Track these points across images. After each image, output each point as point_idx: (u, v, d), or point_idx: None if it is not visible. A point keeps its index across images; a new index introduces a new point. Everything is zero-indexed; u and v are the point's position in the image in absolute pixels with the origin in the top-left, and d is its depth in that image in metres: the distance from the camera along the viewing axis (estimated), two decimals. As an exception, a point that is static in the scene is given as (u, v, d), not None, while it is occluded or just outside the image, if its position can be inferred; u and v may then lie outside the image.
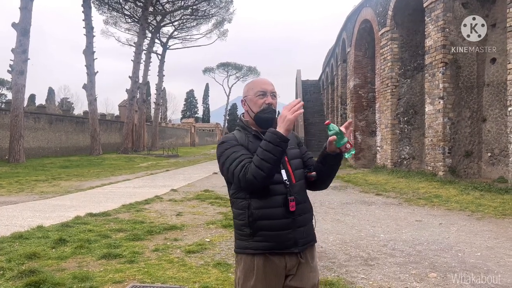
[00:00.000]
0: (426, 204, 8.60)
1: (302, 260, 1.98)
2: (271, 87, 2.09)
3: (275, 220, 1.93)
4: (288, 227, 1.94)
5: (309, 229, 2.04)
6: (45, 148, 25.66)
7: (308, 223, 2.03)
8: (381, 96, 16.14)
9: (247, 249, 1.95)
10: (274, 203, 1.94)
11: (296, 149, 2.12)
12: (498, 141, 11.54)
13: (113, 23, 41.67)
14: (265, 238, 1.93)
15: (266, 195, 1.94)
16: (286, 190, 1.95)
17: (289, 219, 1.94)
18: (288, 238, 1.93)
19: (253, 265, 1.93)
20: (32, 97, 66.88)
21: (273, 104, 2.06)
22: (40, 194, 10.60)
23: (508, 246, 5.28)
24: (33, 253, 4.74)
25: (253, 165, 1.85)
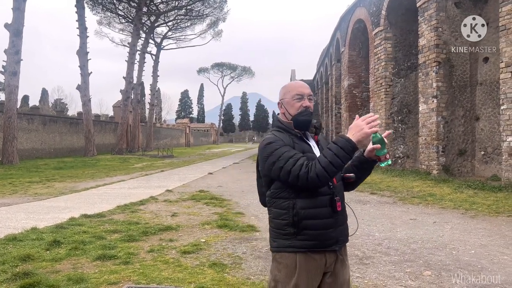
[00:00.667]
0: (421, 202, 8.64)
1: (341, 257, 2.08)
2: (308, 90, 2.16)
3: (321, 219, 2.00)
4: (331, 226, 2.02)
5: (346, 228, 2.13)
6: (38, 150, 25.50)
7: (345, 222, 2.12)
8: (375, 96, 16.21)
9: (289, 248, 2.00)
10: (320, 203, 2.00)
11: None
12: (491, 140, 11.63)
13: (107, 23, 41.53)
14: (309, 236, 1.99)
15: (313, 195, 2.00)
16: (331, 190, 2.02)
17: (333, 219, 2.02)
18: (330, 236, 2.01)
19: (295, 263, 1.98)
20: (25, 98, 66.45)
21: (310, 107, 2.12)
22: (34, 196, 10.53)
23: (502, 243, 5.32)
24: (27, 255, 4.71)
25: (319, 165, 1.90)
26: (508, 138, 9.25)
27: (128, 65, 33.52)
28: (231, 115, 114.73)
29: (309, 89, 2.18)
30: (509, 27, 9.19)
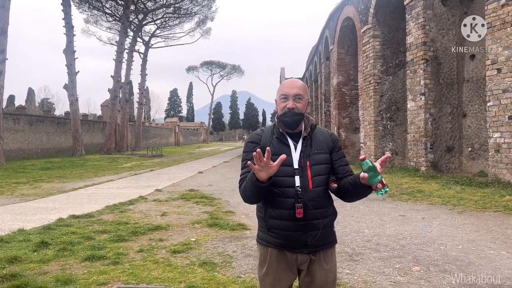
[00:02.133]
0: (409, 199, 8.72)
1: (313, 257, 2.04)
2: (295, 90, 2.08)
3: (284, 221, 2.00)
4: (297, 230, 1.99)
5: (325, 233, 2.05)
6: (25, 150, 25.15)
7: (325, 228, 2.03)
8: (364, 93, 16.30)
9: (262, 240, 2.11)
10: (284, 205, 2.00)
11: (325, 155, 2.10)
12: (478, 136, 11.78)
13: (94, 21, 41.06)
14: (276, 235, 2.04)
15: (279, 196, 2.01)
16: (296, 195, 1.97)
17: (298, 222, 1.98)
18: (298, 239, 2.00)
19: (267, 254, 2.07)
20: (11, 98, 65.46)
21: (296, 107, 2.05)
22: (21, 197, 10.38)
23: (489, 238, 5.40)
24: (14, 257, 4.64)
25: (242, 185, 2.01)
26: (495, 135, 9.38)
27: (116, 63, 33.22)
28: (221, 113, 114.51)
29: (299, 88, 2.09)
30: (494, 24, 9.31)
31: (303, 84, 2.15)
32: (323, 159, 2.08)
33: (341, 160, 2.16)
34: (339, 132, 19.95)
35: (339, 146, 2.22)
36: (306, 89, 2.15)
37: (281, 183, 2.00)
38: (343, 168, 2.14)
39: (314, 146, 2.09)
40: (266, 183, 1.86)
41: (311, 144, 2.09)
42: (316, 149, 2.08)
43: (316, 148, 2.08)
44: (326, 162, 2.09)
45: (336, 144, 2.18)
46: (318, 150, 2.08)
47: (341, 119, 20.32)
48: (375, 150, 15.17)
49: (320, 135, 2.15)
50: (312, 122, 2.13)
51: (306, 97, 2.12)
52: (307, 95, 2.13)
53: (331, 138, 2.18)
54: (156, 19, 42.44)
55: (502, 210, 7.05)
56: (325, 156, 2.10)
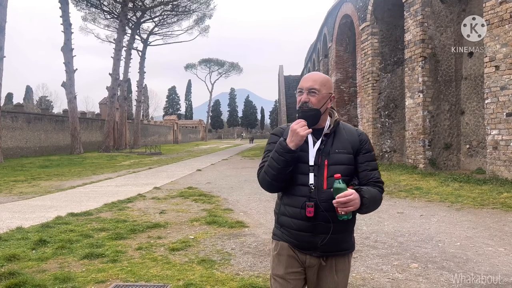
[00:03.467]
0: (408, 196, 8.74)
1: (323, 263, 1.97)
2: (309, 83, 1.97)
3: (295, 219, 1.95)
4: (308, 230, 1.93)
5: (338, 239, 1.95)
6: (23, 148, 25.10)
7: (337, 233, 1.92)
8: (362, 91, 16.31)
9: (275, 236, 2.07)
10: (296, 203, 1.94)
11: (347, 155, 1.97)
12: (476, 133, 11.80)
13: (92, 19, 40.93)
14: (287, 233, 2.00)
15: (293, 193, 1.96)
16: (308, 194, 1.91)
17: (309, 223, 1.91)
18: (307, 240, 1.93)
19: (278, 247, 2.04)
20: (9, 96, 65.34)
21: (310, 101, 1.95)
22: (19, 195, 10.37)
23: (486, 235, 5.41)
24: (13, 255, 4.64)
25: (263, 169, 1.99)
26: (493, 132, 9.40)
27: (114, 61, 33.15)
28: (219, 111, 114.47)
29: (314, 81, 1.98)
30: (492, 21, 9.32)
31: (321, 77, 2.02)
32: (344, 160, 1.95)
33: (367, 164, 2.00)
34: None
35: (368, 148, 2.03)
36: (326, 83, 2.00)
37: (295, 180, 1.95)
38: (366, 174, 1.99)
39: (336, 144, 1.97)
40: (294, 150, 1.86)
41: (332, 142, 1.98)
42: (338, 148, 1.96)
43: (338, 146, 1.97)
44: (347, 163, 1.95)
45: (363, 145, 2.02)
46: (340, 149, 1.96)
47: (339, 117, 20.32)
48: (374, 148, 15.18)
49: (347, 134, 2.02)
50: (335, 118, 2.02)
51: (324, 91, 1.98)
52: (325, 89, 1.99)
53: (359, 138, 2.03)
54: (154, 16, 42.35)
55: (499, 207, 7.07)
56: (347, 157, 1.96)
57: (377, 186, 1.97)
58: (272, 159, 1.92)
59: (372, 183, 1.96)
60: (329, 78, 2.07)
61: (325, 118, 2.02)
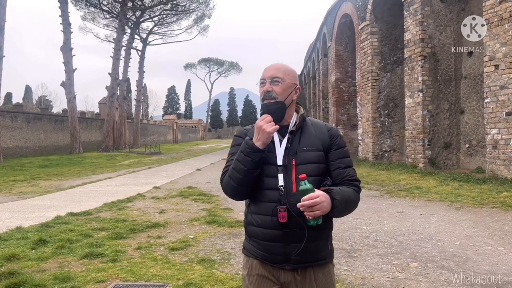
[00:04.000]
0: (407, 195, 8.74)
1: (298, 277, 1.74)
2: (271, 72, 1.79)
3: (264, 229, 1.75)
4: (279, 240, 1.71)
5: (313, 248, 1.74)
6: (23, 148, 25.08)
7: (312, 241, 1.72)
8: (362, 90, 16.31)
9: (245, 249, 1.88)
10: (265, 210, 1.74)
11: (317, 152, 1.77)
12: (475, 133, 11.81)
13: (91, 19, 40.86)
14: (257, 245, 1.79)
15: (260, 199, 1.77)
16: (279, 197, 1.71)
17: (280, 231, 1.71)
18: (279, 252, 1.72)
19: (248, 266, 1.85)
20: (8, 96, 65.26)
21: (273, 90, 1.75)
22: (19, 195, 10.37)
23: (486, 234, 5.42)
24: (12, 254, 4.64)
25: (227, 174, 1.79)
26: (492, 131, 9.40)
27: (113, 61, 33.11)
28: (219, 110, 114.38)
29: (277, 69, 1.79)
30: (492, 21, 9.31)
31: (285, 66, 1.84)
32: (314, 158, 1.75)
33: (339, 162, 1.80)
34: (337, 128, 19.95)
35: (340, 143, 1.84)
36: (289, 72, 1.81)
37: (262, 185, 1.75)
38: (340, 172, 1.78)
39: (304, 141, 1.78)
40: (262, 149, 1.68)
41: (300, 139, 1.78)
42: (306, 145, 1.77)
43: (306, 144, 1.77)
44: (317, 161, 1.75)
45: (334, 141, 1.82)
46: (308, 147, 1.77)
47: (339, 116, 20.33)
48: (373, 147, 15.19)
49: (315, 129, 1.83)
50: (301, 113, 1.83)
51: (288, 80, 1.79)
52: (289, 78, 1.79)
53: (328, 133, 1.83)
54: (154, 16, 42.29)
55: (499, 206, 7.08)
56: (317, 154, 1.76)
57: (352, 185, 1.77)
58: (237, 161, 1.73)
59: (346, 182, 1.76)
60: (293, 68, 1.87)
61: (291, 114, 1.82)
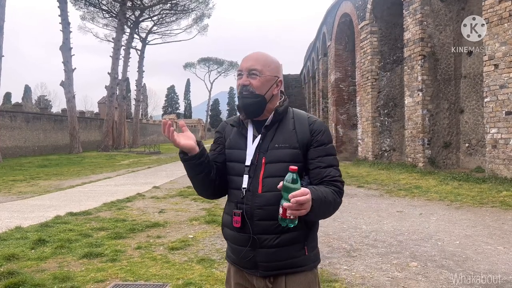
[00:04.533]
0: (407, 195, 8.74)
1: (270, 284, 1.61)
2: (249, 63, 1.62)
3: (230, 230, 1.64)
4: (244, 244, 1.58)
5: (284, 254, 1.57)
6: (22, 147, 25.06)
7: (284, 245, 1.56)
8: (361, 90, 16.30)
9: (226, 254, 1.78)
10: (229, 210, 1.65)
11: (290, 150, 1.59)
12: (475, 132, 11.81)
13: (91, 18, 40.84)
14: (230, 248, 1.69)
15: (228, 198, 1.69)
16: (240, 199, 1.58)
17: (244, 235, 1.57)
18: (245, 256, 1.59)
19: (227, 273, 1.79)
20: (7, 95, 65.15)
21: (251, 84, 1.60)
22: (18, 195, 10.36)
23: (486, 234, 5.41)
24: (12, 254, 4.63)
25: None
26: (492, 130, 9.40)
27: (112, 60, 33.10)
28: (219, 110, 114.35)
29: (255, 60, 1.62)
30: (492, 20, 9.31)
31: (265, 57, 1.66)
32: (285, 156, 1.57)
33: (319, 160, 1.59)
34: (337, 128, 19.96)
35: (322, 139, 1.62)
36: (270, 63, 1.64)
37: (230, 183, 1.66)
38: (319, 172, 1.58)
39: (277, 138, 1.61)
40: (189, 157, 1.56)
41: (274, 135, 1.62)
42: (278, 142, 1.59)
43: (279, 140, 1.60)
44: (289, 159, 1.56)
45: (315, 137, 1.61)
46: (280, 144, 1.59)
47: (338, 116, 20.32)
48: (373, 146, 15.19)
49: (295, 123, 1.64)
50: (277, 107, 1.63)
51: (268, 73, 1.61)
52: (270, 71, 1.62)
53: (309, 127, 1.62)
54: (153, 15, 42.27)
55: (499, 206, 7.07)
56: (290, 152, 1.58)
57: (332, 186, 1.56)
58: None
59: (326, 183, 1.56)
60: (274, 59, 1.69)
61: (272, 108, 1.64)
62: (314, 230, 1.65)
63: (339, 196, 1.58)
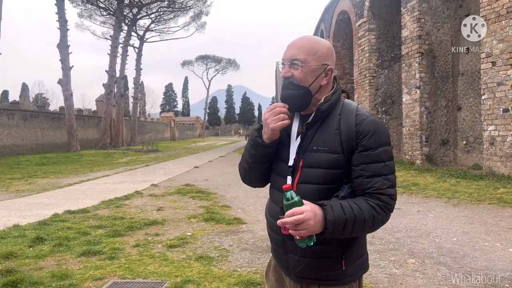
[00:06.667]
0: (405, 192, 8.77)
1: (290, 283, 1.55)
2: (292, 52, 1.45)
3: (272, 232, 1.57)
4: (281, 247, 1.52)
5: (316, 265, 1.45)
6: (20, 146, 24.99)
7: (317, 258, 1.43)
8: (359, 87, 16.31)
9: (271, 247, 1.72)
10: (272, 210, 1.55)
11: (329, 154, 1.41)
12: (472, 129, 11.84)
13: (88, 16, 40.65)
14: (271, 246, 1.65)
15: (270, 197, 1.61)
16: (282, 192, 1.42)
17: (281, 238, 1.49)
18: (281, 259, 1.54)
19: (270, 262, 1.73)
20: (5, 93, 65.02)
21: (293, 75, 1.44)
22: (16, 193, 10.33)
23: (483, 230, 5.44)
24: (10, 252, 4.63)
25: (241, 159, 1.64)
26: (489, 128, 9.43)
27: (110, 58, 32.99)
28: (217, 108, 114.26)
29: (298, 48, 1.44)
30: (489, 17, 9.32)
31: (311, 42, 1.47)
32: (323, 162, 1.40)
33: (362, 168, 1.38)
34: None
35: (369, 143, 1.39)
36: (316, 51, 1.45)
37: (273, 183, 1.56)
38: (361, 182, 1.38)
39: (317, 138, 1.43)
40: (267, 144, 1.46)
41: (314, 135, 1.45)
42: (317, 144, 1.42)
43: (318, 142, 1.42)
44: (327, 166, 1.40)
45: (362, 140, 1.39)
46: (319, 146, 1.42)
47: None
48: (371, 144, 15.21)
49: (339, 123, 1.44)
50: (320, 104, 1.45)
51: (313, 62, 1.43)
52: (315, 59, 1.44)
53: (355, 128, 1.40)
54: (151, 13, 42.11)
55: (496, 203, 7.10)
56: (330, 158, 1.40)
57: (376, 199, 1.36)
58: (245, 150, 1.56)
59: (368, 195, 1.37)
60: (323, 44, 1.49)
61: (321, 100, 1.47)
62: (353, 244, 1.47)
63: (384, 211, 1.37)
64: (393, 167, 1.42)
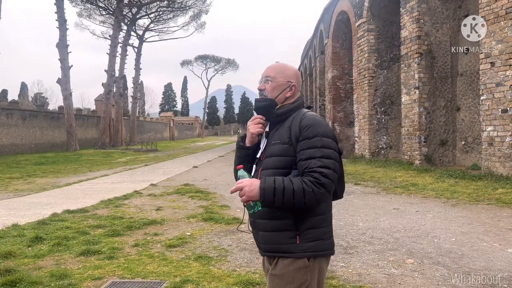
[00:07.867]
0: (403, 192, 8.78)
1: (268, 265, 1.88)
2: (266, 71, 1.92)
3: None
4: (252, 226, 1.90)
5: (275, 238, 1.78)
6: (19, 145, 24.96)
7: (274, 231, 1.77)
8: (358, 87, 16.32)
9: None
10: None
11: (282, 145, 1.79)
12: (471, 130, 11.85)
13: (87, 15, 40.59)
14: None
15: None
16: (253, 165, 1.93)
17: (251, 218, 1.90)
18: (255, 236, 1.91)
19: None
20: (4, 93, 64.88)
21: (265, 89, 1.88)
22: (15, 192, 10.33)
23: (481, 231, 5.45)
24: (9, 252, 4.63)
25: None
26: (488, 128, 9.44)
27: (109, 58, 32.98)
28: (216, 108, 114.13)
29: (270, 69, 1.92)
30: (488, 18, 9.33)
31: (280, 65, 1.95)
32: (278, 151, 1.79)
33: (301, 154, 1.73)
34: (333, 126, 19.98)
35: (307, 134, 1.74)
36: (283, 70, 1.90)
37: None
38: (300, 164, 1.72)
39: (276, 135, 1.84)
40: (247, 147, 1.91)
41: (274, 133, 1.86)
42: (275, 139, 1.82)
43: (275, 137, 1.83)
44: (279, 154, 1.78)
45: (302, 132, 1.75)
46: (276, 140, 1.82)
47: (335, 113, 20.34)
48: (370, 144, 15.23)
49: (293, 121, 1.82)
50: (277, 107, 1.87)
51: (281, 79, 1.88)
52: (282, 77, 1.88)
53: (299, 124, 1.78)
54: (150, 12, 42.08)
55: (494, 203, 7.11)
56: (281, 147, 1.79)
57: (309, 176, 1.67)
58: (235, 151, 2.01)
59: (305, 174, 1.69)
60: (290, 67, 1.94)
61: None
62: (307, 221, 1.76)
63: (315, 185, 1.65)
64: (329, 153, 1.72)
